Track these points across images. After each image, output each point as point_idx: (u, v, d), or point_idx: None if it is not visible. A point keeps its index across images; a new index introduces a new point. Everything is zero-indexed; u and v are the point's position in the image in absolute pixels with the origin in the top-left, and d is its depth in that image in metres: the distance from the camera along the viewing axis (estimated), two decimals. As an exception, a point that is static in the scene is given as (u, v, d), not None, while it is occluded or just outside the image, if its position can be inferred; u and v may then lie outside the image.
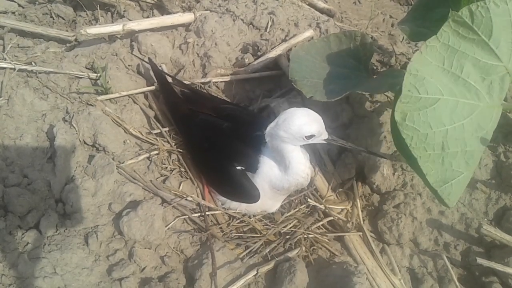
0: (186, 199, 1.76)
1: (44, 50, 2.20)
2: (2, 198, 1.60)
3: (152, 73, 2.10)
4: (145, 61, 2.19)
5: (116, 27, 2.17)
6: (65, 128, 1.81)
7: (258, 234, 1.75)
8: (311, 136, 1.49)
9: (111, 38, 2.28)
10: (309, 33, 2.27)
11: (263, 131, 1.57)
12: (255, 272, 1.58)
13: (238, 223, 1.79)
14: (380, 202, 1.87)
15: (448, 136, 1.27)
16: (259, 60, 2.23)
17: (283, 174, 1.63)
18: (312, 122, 1.48)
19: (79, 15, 2.62)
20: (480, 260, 1.57)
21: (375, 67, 2.28)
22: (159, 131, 2.00)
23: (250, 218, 1.79)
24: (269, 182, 1.66)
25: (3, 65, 1.98)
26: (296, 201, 1.88)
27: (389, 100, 2.02)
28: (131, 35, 2.27)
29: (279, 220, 1.80)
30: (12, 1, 2.53)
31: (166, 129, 2.01)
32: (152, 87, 2.13)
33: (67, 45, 2.31)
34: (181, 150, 1.95)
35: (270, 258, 1.66)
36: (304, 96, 1.70)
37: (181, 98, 1.99)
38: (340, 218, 1.81)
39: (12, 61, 2.02)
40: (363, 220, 1.81)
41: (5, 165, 1.70)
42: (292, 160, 1.58)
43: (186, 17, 2.33)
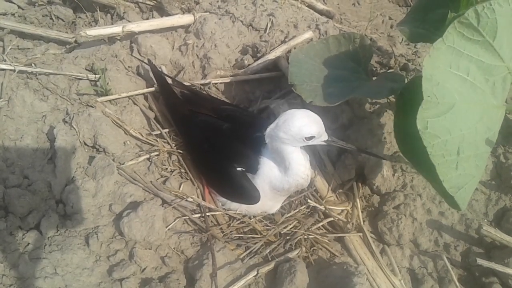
0: (187, 200, 1.76)
1: (44, 52, 2.21)
2: (3, 199, 1.60)
3: (152, 75, 2.10)
4: (144, 63, 2.19)
5: (115, 29, 2.17)
6: (65, 129, 1.81)
7: (258, 234, 1.76)
8: (311, 137, 1.50)
9: (110, 39, 2.28)
10: (308, 34, 2.27)
11: (263, 132, 1.58)
12: (256, 272, 1.59)
13: (238, 223, 1.79)
14: (380, 203, 1.88)
15: (464, 140, 1.25)
16: (259, 62, 2.24)
17: (283, 175, 1.63)
18: (312, 123, 1.48)
19: (79, 17, 2.62)
20: (480, 261, 1.57)
21: (375, 68, 2.29)
22: (159, 132, 2.00)
23: (251, 219, 1.79)
24: (269, 183, 1.66)
25: (3, 66, 1.98)
26: (296, 202, 1.89)
27: (389, 101, 2.02)
28: (131, 37, 2.28)
29: (279, 220, 1.81)
30: (12, 3, 2.54)
31: (166, 130, 2.01)
32: (152, 89, 2.14)
33: (67, 46, 2.31)
34: (181, 151, 1.95)
35: (270, 259, 1.66)
36: (304, 98, 1.70)
37: (181, 99, 2.00)
38: (340, 219, 1.81)
39: (12, 63, 2.02)
40: (363, 221, 1.82)
41: (5, 166, 1.70)
42: (292, 161, 1.58)
43: (185, 19, 2.33)
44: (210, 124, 1.84)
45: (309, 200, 1.84)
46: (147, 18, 2.48)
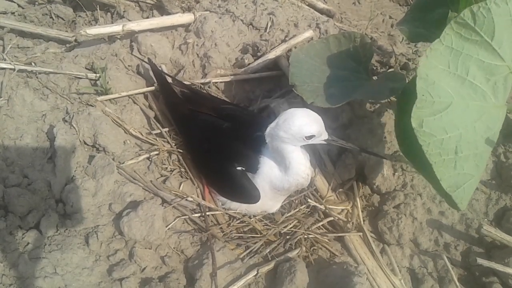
0: (186, 200, 1.76)
1: (44, 51, 2.20)
2: (3, 198, 1.60)
3: (152, 74, 2.10)
4: (145, 62, 2.19)
5: (115, 28, 2.17)
6: (65, 128, 1.81)
7: (258, 234, 1.75)
8: (311, 137, 1.50)
9: (110, 38, 2.27)
10: (308, 33, 2.27)
11: (263, 132, 1.57)
12: (256, 272, 1.58)
13: (238, 223, 1.79)
14: (380, 202, 1.87)
15: (462, 139, 1.25)
16: (259, 61, 2.23)
17: (284, 175, 1.63)
18: (312, 122, 1.48)
19: (79, 16, 2.62)
20: (480, 261, 1.57)
21: (375, 68, 2.29)
22: (159, 131, 2.00)
23: (251, 218, 1.79)
24: (270, 183, 1.66)
25: (3, 65, 1.98)
26: (296, 201, 1.88)
27: (389, 100, 2.02)
28: (131, 36, 2.27)
29: (279, 220, 1.80)
30: (12, 1, 2.53)
31: (166, 129, 2.01)
32: (152, 88, 2.13)
33: (67, 45, 2.31)
34: (181, 151, 1.95)
35: (270, 258, 1.66)
36: (304, 97, 1.70)
37: (181, 99, 1.99)
38: (340, 218, 1.81)
39: (12, 62, 2.02)
40: (363, 221, 1.81)
41: (5, 165, 1.70)
42: (292, 161, 1.58)
43: (185, 18, 2.33)
44: (210, 123, 1.84)
45: (309, 200, 1.84)
46: (147, 17, 2.47)
